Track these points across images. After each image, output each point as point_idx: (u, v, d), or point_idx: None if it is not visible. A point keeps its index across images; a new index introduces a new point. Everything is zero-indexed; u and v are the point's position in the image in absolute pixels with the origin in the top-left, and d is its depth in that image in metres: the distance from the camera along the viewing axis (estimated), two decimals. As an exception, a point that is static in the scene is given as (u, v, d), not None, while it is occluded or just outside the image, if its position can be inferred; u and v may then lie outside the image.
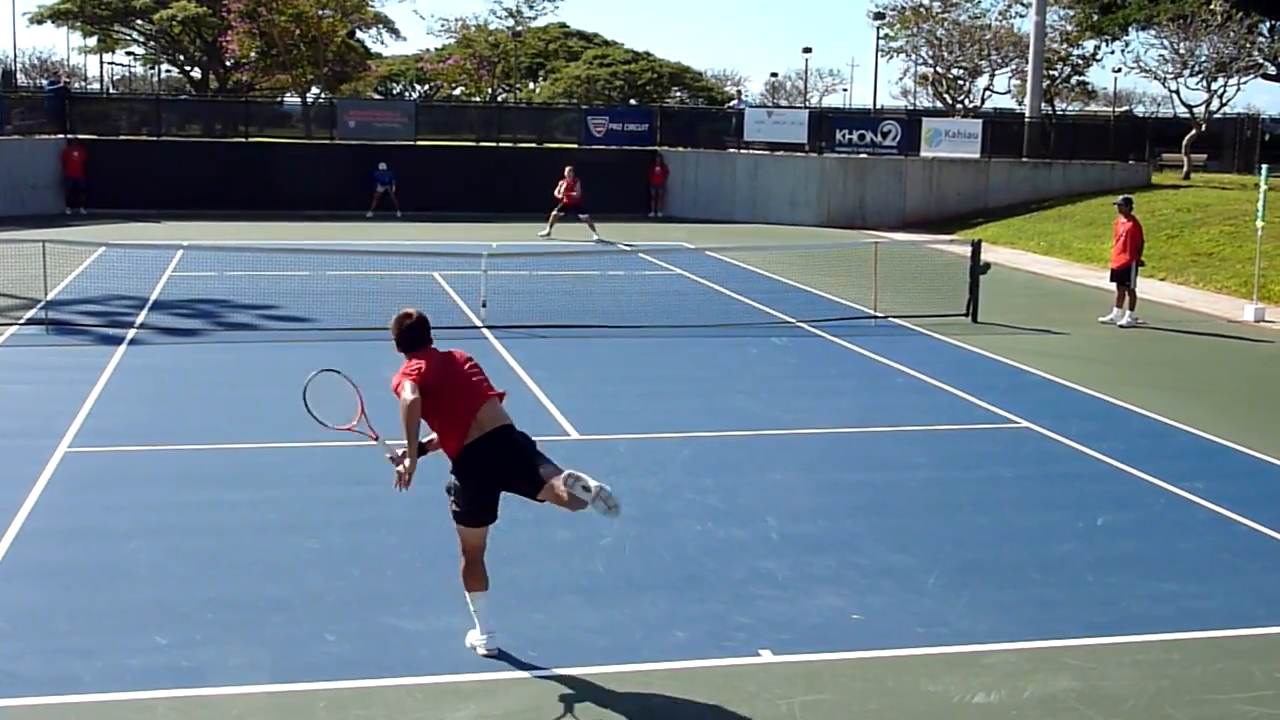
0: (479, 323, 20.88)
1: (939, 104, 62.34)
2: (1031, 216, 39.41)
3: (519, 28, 71.22)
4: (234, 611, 9.21)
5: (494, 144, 44.14)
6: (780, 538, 10.99)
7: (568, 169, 35.28)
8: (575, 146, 44.19)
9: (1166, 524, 11.71)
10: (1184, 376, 18.63)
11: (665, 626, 9.07)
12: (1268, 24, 52.18)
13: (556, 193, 34.90)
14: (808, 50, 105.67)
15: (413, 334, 9.09)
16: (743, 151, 43.62)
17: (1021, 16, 57.18)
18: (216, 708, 7.81)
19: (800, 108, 71.40)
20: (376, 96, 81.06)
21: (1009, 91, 61.06)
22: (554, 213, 34.91)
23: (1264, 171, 24.69)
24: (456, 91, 78.56)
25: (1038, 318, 23.27)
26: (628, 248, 31.93)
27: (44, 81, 65.07)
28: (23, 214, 35.87)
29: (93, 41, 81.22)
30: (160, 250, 27.35)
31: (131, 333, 19.69)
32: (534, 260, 28.78)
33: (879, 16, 63.30)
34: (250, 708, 7.82)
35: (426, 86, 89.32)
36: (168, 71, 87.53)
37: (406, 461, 8.73)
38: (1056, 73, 60.77)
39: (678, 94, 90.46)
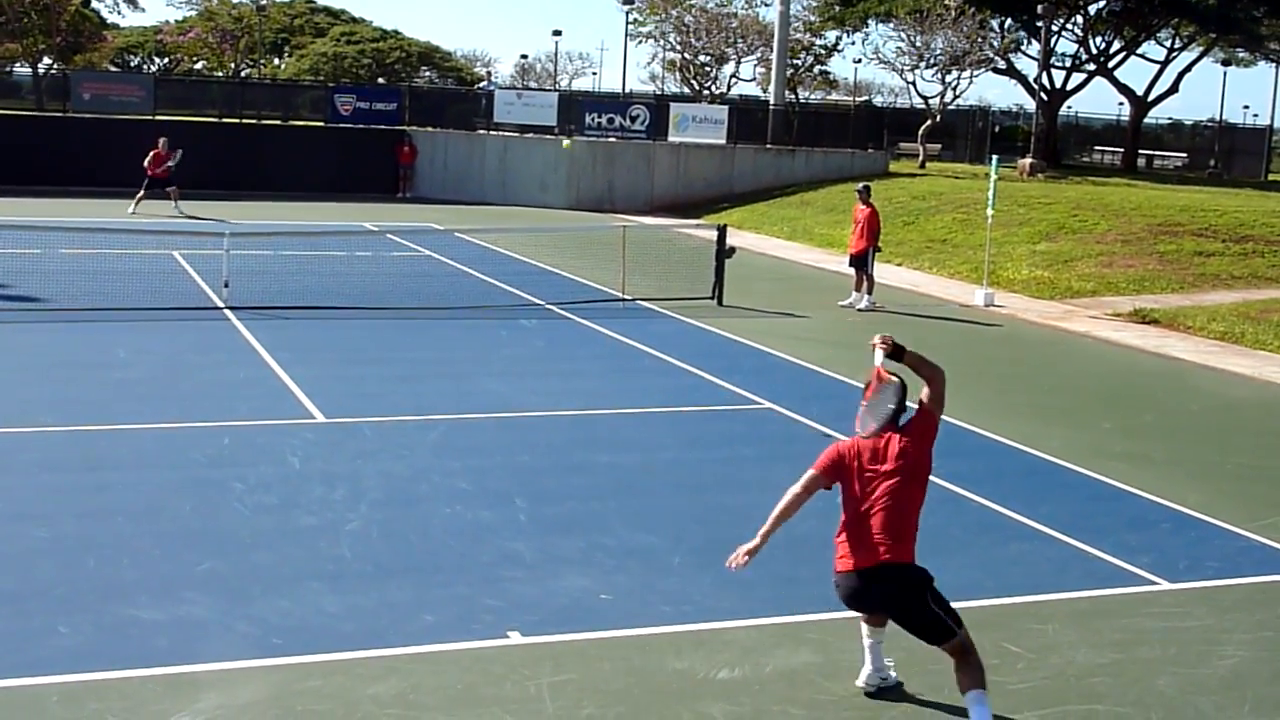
0: (221, 303, 20.36)
1: (687, 90, 63.27)
2: (775, 202, 40.29)
3: (263, 1, 69.57)
4: (-42, 605, 8.80)
5: (238, 120, 43.05)
6: (528, 519, 11.03)
7: (161, 140, 34.59)
8: (322, 124, 43.47)
9: (901, 501, 12.09)
10: (918, 359, 19.27)
11: (413, 610, 9.01)
12: (998, 20, 54.45)
13: (145, 164, 34.14)
14: (558, 33, 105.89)
15: None
16: (492, 133, 43.50)
17: (766, 6, 58.62)
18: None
19: (550, 90, 71.49)
20: (113, 69, 78.18)
21: (754, 79, 62.39)
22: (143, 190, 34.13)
23: (994, 162, 25.76)
24: (198, 66, 76.36)
25: (780, 301, 23.81)
26: (375, 228, 31.55)
27: None
28: None
29: None
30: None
31: None
32: (278, 240, 28.19)
33: (628, 1, 63.81)
34: (-24, 704, 7.50)
35: (166, 60, 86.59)
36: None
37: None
38: (800, 62, 62.27)
39: (427, 74, 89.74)
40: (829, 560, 10.38)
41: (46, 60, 60.23)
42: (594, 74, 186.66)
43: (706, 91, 60.80)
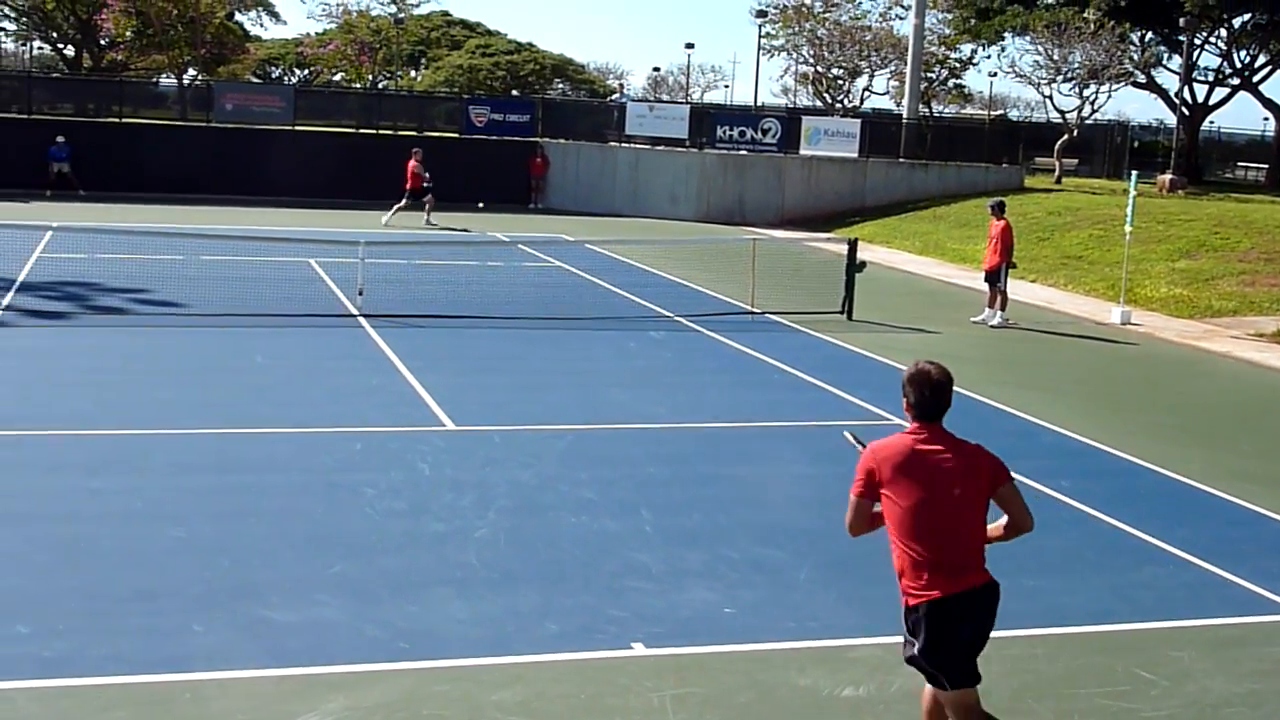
0: (355, 311, 20.67)
1: (819, 103, 62.99)
2: (907, 216, 39.96)
3: (401, 14, 70.68)
4: (97, 601, 9.02)
5: (374, 131, 43.72)
6: (654, 531, 11.03)
7: (415, 150, 35.60)
8: (456, 136, 43.97)
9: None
10: (1052, 376, 19.01)
11: (538, 619, 9.05)
12: (1138, 33, 53.49)
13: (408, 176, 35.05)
14: (690, 46, 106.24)
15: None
16: (624, 145, 43.68)
17: (901, 19, 58.04)
18: (79, 698, 7.65)
19: (682, 103, 71.62)
20: (255, 80, 79.88)
21: (888, 92, 62.01)
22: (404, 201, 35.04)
23: (1133, 177, 25.27)
24: (337, 77, 77.72)
25: (911, 316, 23.59)
26: (507, 239, 31.84)
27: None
28: (-117, 190, 34.84)
29: (-39, 16, 79.06)
30: (28, 231, 26.71)
31: (-4, 315, 19.22)
32: (412, 249, 28.57)
33: (761, 14, 63.74)
34: (113, 699, 7.67)
35: (306, 71, 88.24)
36: (40, 49, 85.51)
37: None
38: (934, 75, 61.75)
39: (560, 86, 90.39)
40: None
41: (191, 72, 61.71)
42: (726, 87, 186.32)
43: (839, 105, 60.49)
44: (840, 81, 61.55)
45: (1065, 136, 50.27)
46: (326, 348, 18.10)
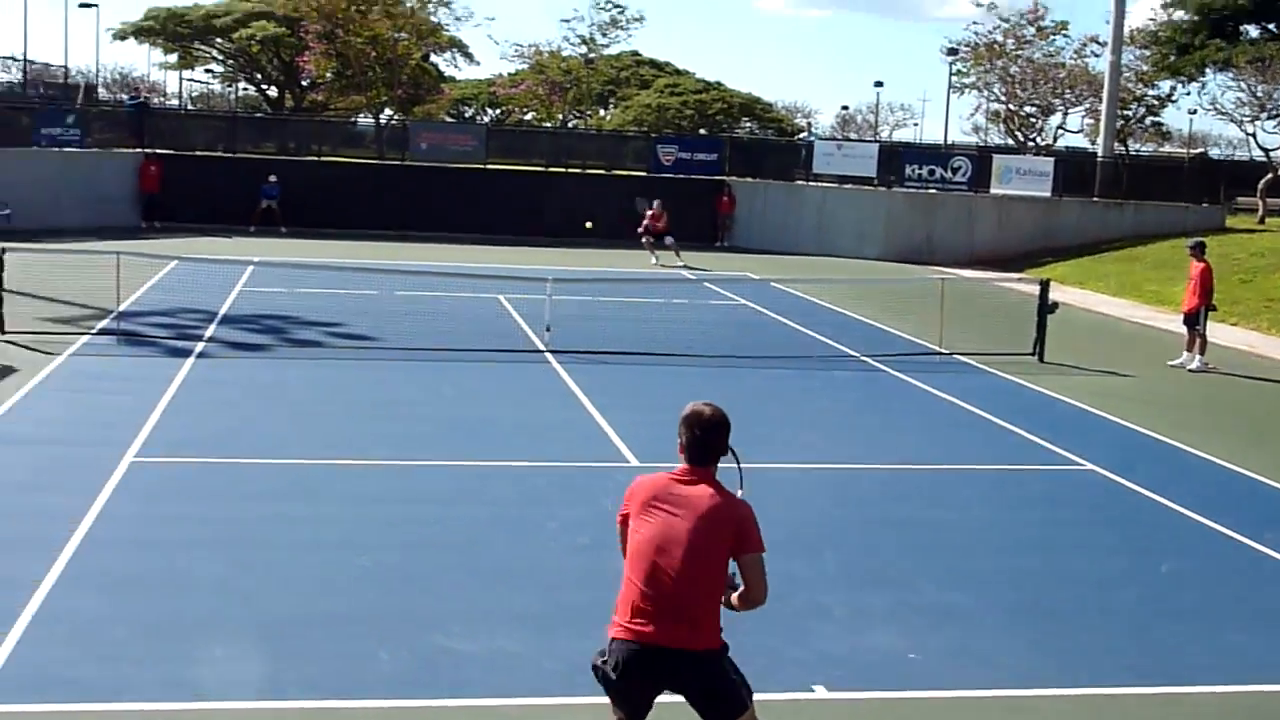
0: (543, 347, 20.91)
1: (1010, 141, 62.04)
2: (1101, 257, 39.06)
3: (592, 55, 71.49)
4: (289, 626, 9.24)
5: (563, 170, 44.29)
6: (838, 572, 10.91)
7: (656, 202, 36.81)
8: (644, 174, 44.29)
9: (1233, 574, 11.52)
10: (1253, 424, 18.36)
11: (719, 658, 8.99)
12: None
13: (646, 222, 36.28)
14: (879, 84, 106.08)
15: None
16: (811, 184, 43.55)
17: (1096, 55, 56.80)
18: (268, 722, 7.83)
19: (870, 141, 71.26)
20: (449, 119, 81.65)
21: (1082, 130, 60.76)
22: (649, 241, 36.07)
23: (1341, 218, 24.34)
24: (528, 116, 78.98)
25: (1105, 359, 23.02)
26: (693, 275, 31.95)
27: (124, 96, 66.03)
28: (99, 225, 36.26)
29: (173, 58, 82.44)
30: (231, 265, 27.62)
31: (200, 345, 19.87)
32: (598, 286, 28.83)
33: (952, 52, 63.08)
34: (301, 724, 7.83)
35: (498, 110, 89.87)
36: (245, 89, 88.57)
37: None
38: (1131, 113, 60.36)
39: (747, 124, 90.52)
40: (1152, 631, 9.96)
41: (388, 111, 63.30)
42: (915, 125, 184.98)
43: (1031, 143, 59.54)
44: (1033, 119, 60.57)
45: (1270, 175, 48.71)
46: (513, 382, 18.34)
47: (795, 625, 9.68)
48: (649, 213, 36.29)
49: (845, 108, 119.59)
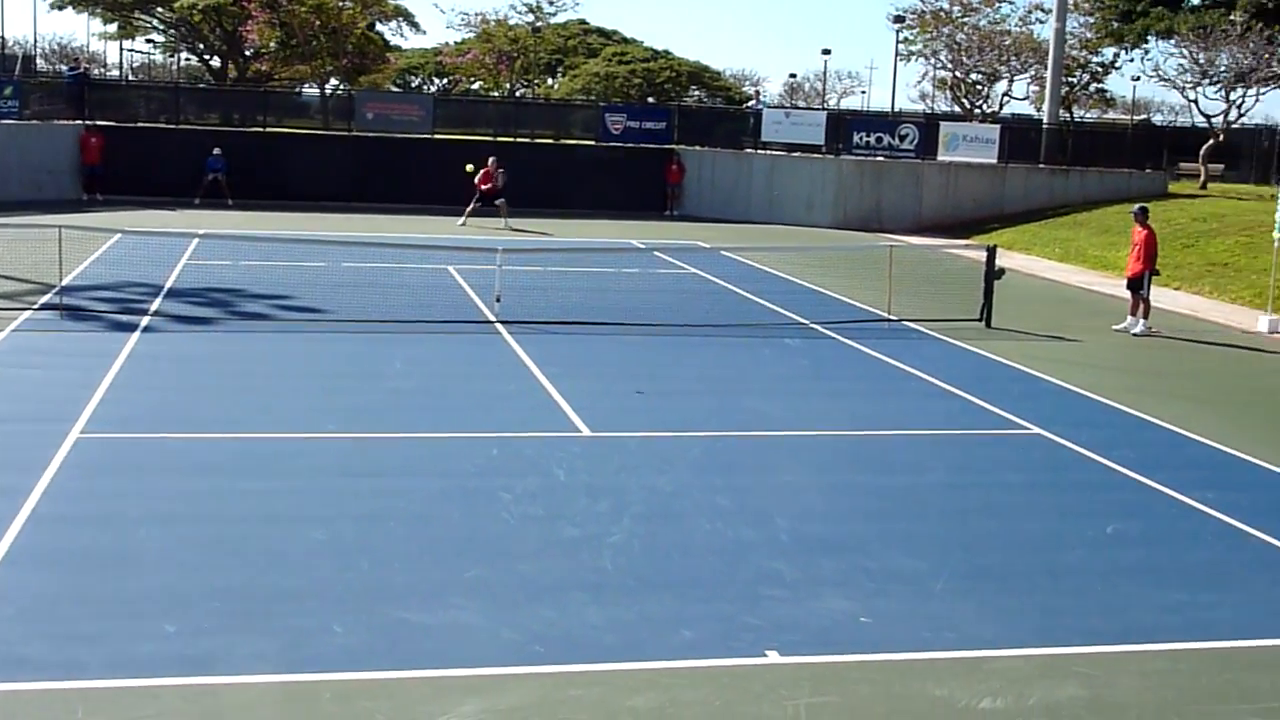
0: (492, 318, 20.88)
1: (957, 108, 62.26)
2: (1047, 223, 39.34)
3: (539, 23, 71.20)
4: (241, 601, 9.22)
5: (511, 139, 44.15)
6: (789, 539, 10.99)
7: (490, 159, 36.09)
8: (593, 143, 44.21)
9: (1177, 534, 11.69)
10: (1197, 386, 18.59)
11: (673, 625, 9.07)
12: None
13: (476, 180, 35.78)
14: (827, 52, 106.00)
15: None
16: (760, 152, 43.59)
17: (1041, 23, 57.11)
18: (222, 697, 7.83)
19: (818, 109, 71.30)
20: (395, 89, 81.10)
21: (1027, 97, 60.97)
22: (476, 204, 35.82)
23: (1282, 183, 24.63)
24: (475, 86, 78.57)
25: (1052, 324, 23.23)
26: (643, 246, 31.95)
27: (63, 67, 65.23)
28: (39, 199, 35.94)
29: (113, 28, 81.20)
30: (176, 238, 27.41)
31: (145, 320, 19.71)
32: (549, 256, 28.79)
33: (899, 20, 63.19)
34: (256, 697, 7.83)
35: (445, 80, 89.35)
36: (187, 60, 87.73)
37: None
38: (1075, 80, 60.64)
39: (696, 93, 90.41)
40: (1098, 591, 10.10)
41: (333, 81, 62.82)
42: (863, 93, 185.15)
43: (977, 110, 59.75)
44: (979, 86, 60.78)
45: (1211, 141, 49.12)
46: (464, 354, 18.32)
47: (747, 591, 9.75)
48: (484, 171, 35.98)
49: (793, 76, 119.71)
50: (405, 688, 7.99)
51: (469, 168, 35.71)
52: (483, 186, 35.65)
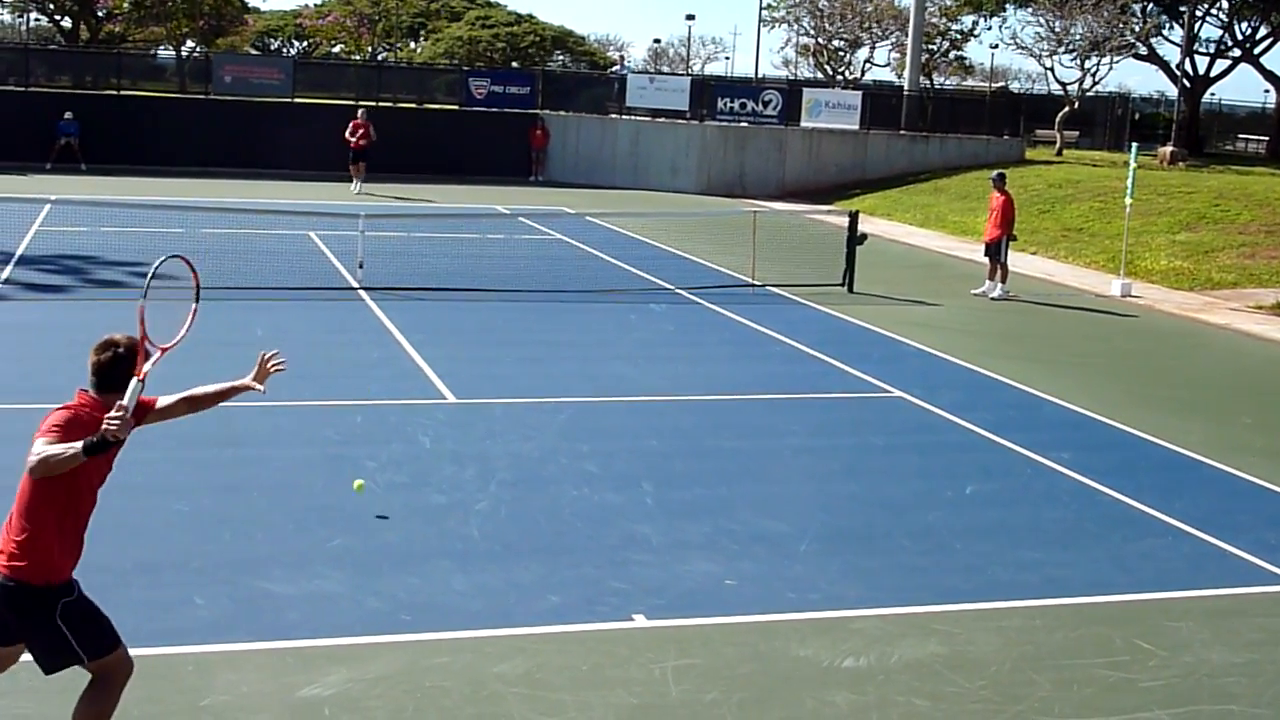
0: (355, 284, 20.66)
1: (820, 75, 62.82)
2: (908, 189, 39.91)
3: (400, -14, 70.40)
4: (97, 574, 9.00)
5: (374, 103, 43.61)
6: (655, 503, 11.05)
7: (360, 111, 36.39)
8: (456, 108, 43.87)
9: (1033, 493, 11.96)
10: (1053, 349, 19.01)
11: (539, 591, 9.08)
12: (1140, 5, 53.30)
13: (346, 134, 35.86)
14: (691, 17, 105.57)
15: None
16: (624, 117, 43.59)
17: (903, -10, 57.72)
18: (78, 670, 7.66)
19: (682, 75, 71.38)
20: (254, 52, 79.63)
21: (889, 64, 61.83)
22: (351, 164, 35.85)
23: (1133, 149, 25.26)
24: (336, 49, 77.48)
25: (912, 289, 23.59)
26: (507, 211, 31.80)
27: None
28: (-118, 164, 34.78)
29: (-43, -13, 78.73)
30: (26, 204, 26.67)
31: (-4, 288, 19.20)
32: (413, 222, 28.53)
33: (762, -15, 63.48)
34: (116, 671, 7.68)
35: (305, 43, 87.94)
36: (36, 20, 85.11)
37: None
38: (935, 47, 61.53)
39: (560, 58, 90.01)
40: (957, 551, 10.31)
41: (190, 44, 61.53)
42: (726, 59, 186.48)
43: (840, 77, 60.33)
44: (841, 53, 61.38)
45: (1066, 109, 50.15)
46: (327, 321, 18.10)
47: (613, 556, 9.79)
48: (353, 123, 35.98)
49: (657, 41, 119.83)
50: (270, 659, 7.91)
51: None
52: (354, 140, 35.39)
